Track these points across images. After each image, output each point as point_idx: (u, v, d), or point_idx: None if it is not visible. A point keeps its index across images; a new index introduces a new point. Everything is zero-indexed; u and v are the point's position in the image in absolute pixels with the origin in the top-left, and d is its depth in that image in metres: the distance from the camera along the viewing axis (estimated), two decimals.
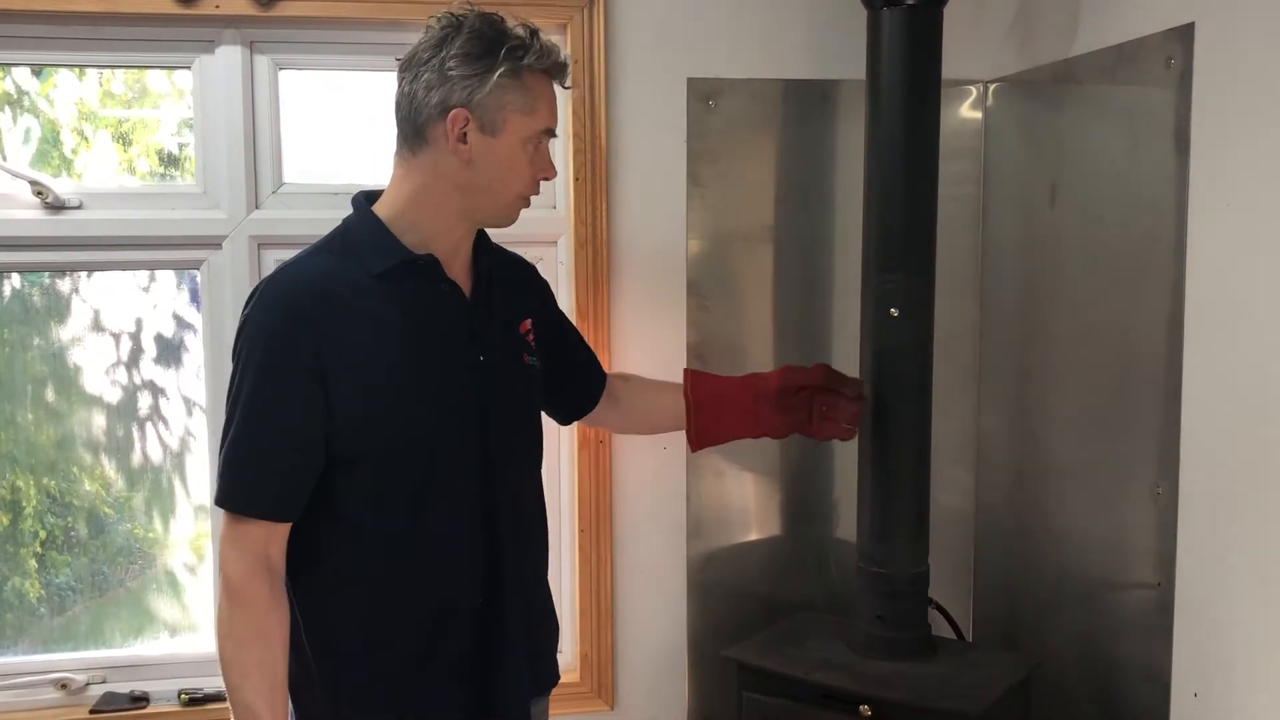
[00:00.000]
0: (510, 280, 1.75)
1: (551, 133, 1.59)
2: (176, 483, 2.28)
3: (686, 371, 1.99)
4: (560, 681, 2.27)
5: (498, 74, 1.51)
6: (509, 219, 1.63)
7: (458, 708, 1.62)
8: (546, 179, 1.62)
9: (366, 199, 1.63)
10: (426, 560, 1.58)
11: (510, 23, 1.55)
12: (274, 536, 1.53)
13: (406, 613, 1.59)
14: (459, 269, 1.63)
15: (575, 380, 1.92)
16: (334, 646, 1.60)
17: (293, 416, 1.51)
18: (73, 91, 2.18)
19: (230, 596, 1.52)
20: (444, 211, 1.58)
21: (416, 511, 1.56)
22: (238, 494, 1.52)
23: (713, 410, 1.92)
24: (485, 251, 1.68)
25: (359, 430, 1.53)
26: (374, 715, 1.60)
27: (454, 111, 1.52)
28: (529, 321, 1.73)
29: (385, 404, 1.54)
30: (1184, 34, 1.74)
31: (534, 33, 1.55)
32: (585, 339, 2.00)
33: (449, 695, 1.61)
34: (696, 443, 1.94)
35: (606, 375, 1.97)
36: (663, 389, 2.00)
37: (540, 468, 1.78)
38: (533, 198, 1.65)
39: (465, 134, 1.52)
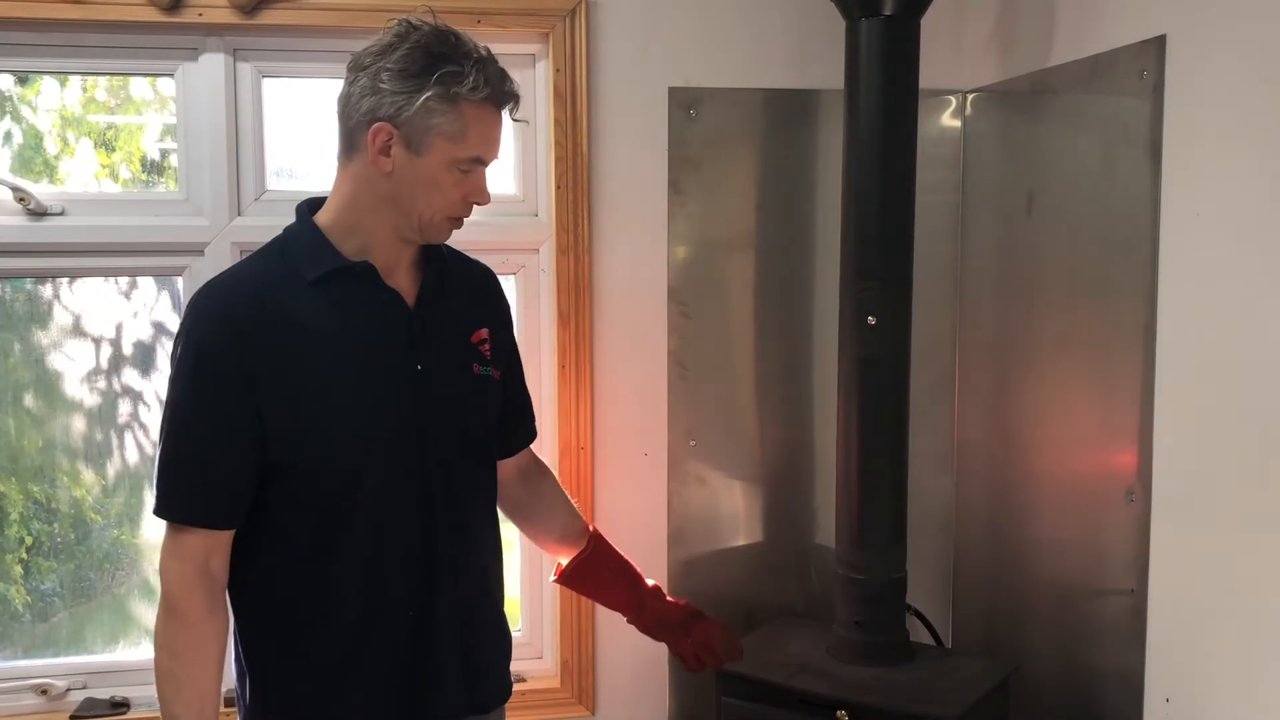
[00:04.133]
0: (467, 289, 1.70)
1: (482, 161, 1.52)
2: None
3: (590, 546, 1.87)
4: (541, 687, 2.30)
5: (425, 95, 1.46)
6: (438, 237, 1.57)
7: None
8: (478, 204, 1.56)
9: (309, 207, 1.61)
10: (354, 570, 1.54)
11: (466, 43, 1.49)
12: (215, 546, 1.51)
13: (333, 622, 1.55)
14: (402, 276, 1.60)
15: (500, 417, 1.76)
16: (264, 656, 1.58)
17: (225, 424, 1.48)
18: (56, 98, 2.19)
19: (167, 608, 1.50)
20: (377, 221, 1.54)
21: (346, 518, 1.53)
22: (174, 503, 1.51)
23: (582, 585, 1.94)
24: (436, 259, 1.64)
25: (289, 436, 1.50)
26: None
27: (377, 124, 1.48)
28: (484, 331, 1.68)
29: (315, 411, 1.51)
30: (1156, 46, 1.76)
31: (482, 60, 1.48)
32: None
33: (376, 708, 1.57)
34: (561, 580, 1.92)
35: (534, 436, 1.87)
36: (573, 521, 1.89)
37: (492, 481, 1.72)
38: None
39: (389, 147, 1.49)
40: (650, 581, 1.94)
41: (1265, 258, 1.57)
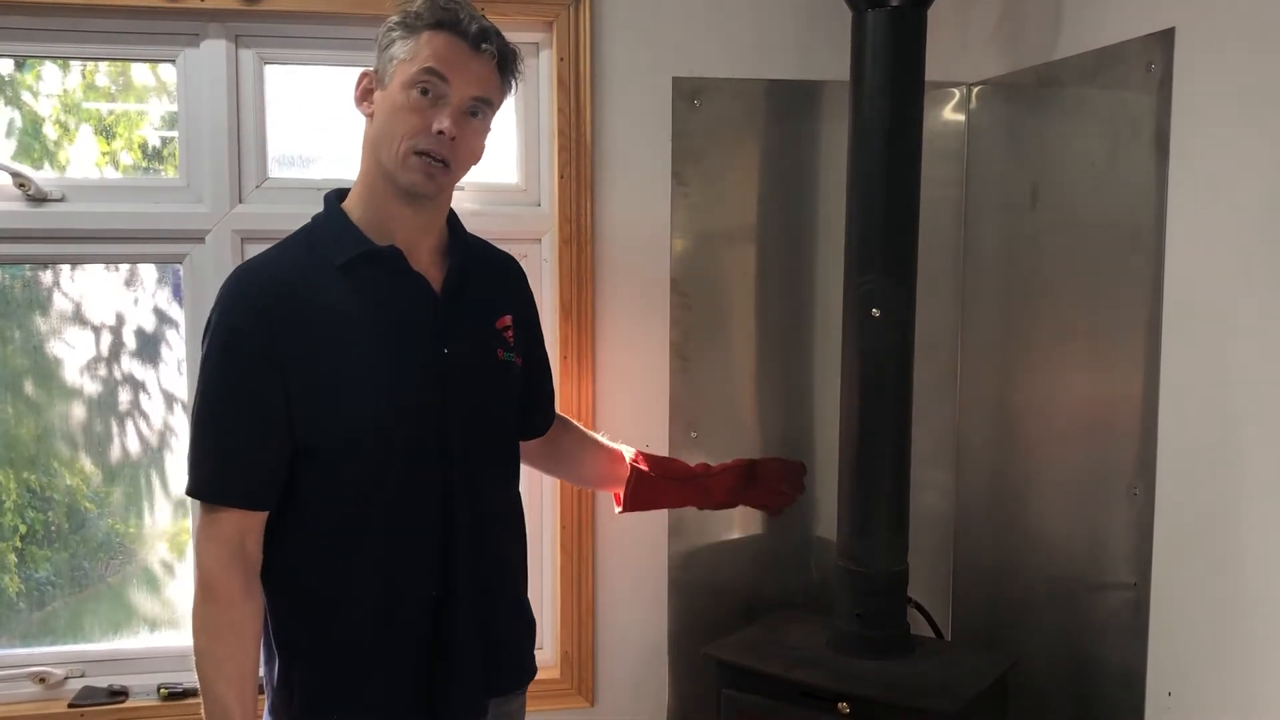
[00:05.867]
0: (491, 276, 1.74)
1: (435, 73, 1.52)
2: (157, 478, 2.28)
3: (633, 471, 1.99)
4: (541, 678, 2.29)
5: (387, 28, 1.56)
6: (409, 179, 1.54)
7: (406, 706, 1.60)
8: (440, 132, 1.52)
9: (337, 196, 1.64)
10: (376, 553, 1.57)
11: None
12: (249, 527, 1.54)
13: (356, 604, 1.57)
14: (427, 261, 1.63)
15: (523, 402, 1.80)
16: (290, 638, 1.60)
17: (256, 405, 1.52)
18: (56, 84, 2.18)
19: (205, 589, 1.53)
20: (375, 187, 1.58)
21: (367, 504, 1.56)
22: (208, 483, 1.54)
23: (647, 502, 2.05)
24: (461, 244, 1.67)
25: (314, 419, 1.53)
26: (323, 711, 1.59)
27: (361, 72, 1.60)
28: (508, 318, 1.71)
29: (341, 393, 1.54)
30: (1164, 39, 1.76)
31: (453, 1, 1.55)
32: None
33: (397, 692, 1.60)
34: (626, 510, 2.04)
35: (552, 421, 1.94)
36: (601, 458, 2.00)
37: (514, 465, 1.76)
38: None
39: (371, 91, 1.58)
40: (693, 464, 2.08)
41: (1273, 253, 1.57)
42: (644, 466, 2.00)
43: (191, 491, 1.55)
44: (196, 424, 1.55)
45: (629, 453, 2.00)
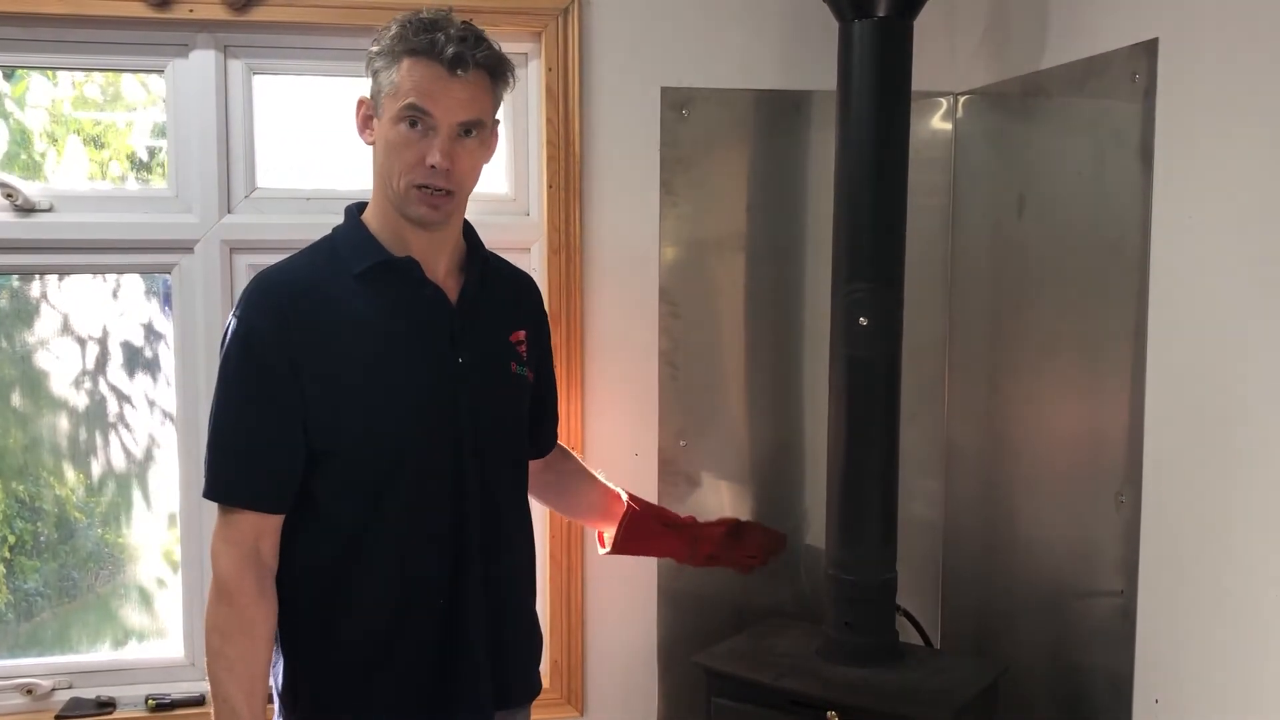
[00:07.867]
0: (508, 291, 1.76)
1: (417, 109, 1.51)
2: (146, 489, 2.27)
3: (628, 511, 1.98)
4: None
5: (369, 56, 1.56)
6: (414, 212, 1.56)
7: (412, 715, 1.61)
8: (432, 166, 1.52)
9: (358, 208, 1.66)
10: (386, 561, 1.58)
11: (422, 11, 1.55)
12: (265, 529, 1.55)
13: (365, 611, 1.59)
14: (444, 273, 1.64)
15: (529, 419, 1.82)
16: (298, 642, 1.61)
17: (273, 407, 1.54)
18: (45, 94, 2.17)
19: (219, 590, 1.54)
20: (386, 209, 1.60)
21: (379, 509, 1.57)
22: (225, 485, 1.55)
23: (637, 545, 2.04)
24: (479, 259, 1.69)
25: (329, 423, 1.55)
26: (329, 718, 1.60)
27: (358, 99, 1.60)
28: (522, 333, 1.73)
29: (354, 400, 1.55)
30: (1148, 49, 1.77)
31: (427, 22, 1.52)
32: (556, 359, 1.98)
33: (402, 703, 1.60)
34: (613, 551, 2.04)
35: (553, 444, 1.95)
36: (596, 493, 2.00)
37: (523, 478, 1.77)
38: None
39: (370, 120, 1.58)
40: (683, 515, 2.08)
41: (1255, 261, 1.58)
42: (639, 509, 2.01)
43: (208, 494, 1.56)
44: (214, 426, 1.56)
45: (624, 495, 2.01)
